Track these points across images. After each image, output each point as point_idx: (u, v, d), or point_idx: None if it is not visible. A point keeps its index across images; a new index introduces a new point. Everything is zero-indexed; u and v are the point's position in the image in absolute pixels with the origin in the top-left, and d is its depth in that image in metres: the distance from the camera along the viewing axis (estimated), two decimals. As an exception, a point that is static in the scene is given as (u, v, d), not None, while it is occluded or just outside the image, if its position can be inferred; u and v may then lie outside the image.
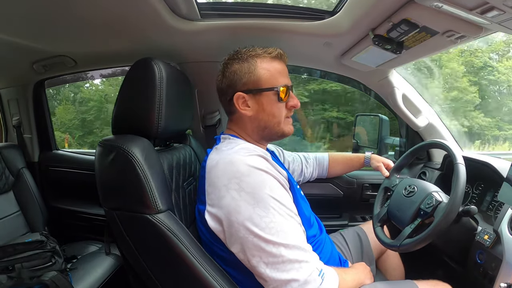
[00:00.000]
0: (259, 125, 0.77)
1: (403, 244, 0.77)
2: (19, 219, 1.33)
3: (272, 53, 0.76)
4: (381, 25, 0.78)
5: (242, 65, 0.75)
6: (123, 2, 0.76)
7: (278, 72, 0.76)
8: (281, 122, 0.77)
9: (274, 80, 0.75)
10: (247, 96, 0.75)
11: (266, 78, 0.75)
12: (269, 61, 0.76)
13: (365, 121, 1.47)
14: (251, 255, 0.59)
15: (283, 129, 0.78)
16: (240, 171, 0.62)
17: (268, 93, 0.75)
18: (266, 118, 0.76)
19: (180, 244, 0.61)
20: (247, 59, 0.75)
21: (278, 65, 0.77)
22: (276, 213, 0.60)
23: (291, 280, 0.57)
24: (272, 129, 0.77)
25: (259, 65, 0.75)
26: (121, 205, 0.64)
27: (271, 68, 0.75)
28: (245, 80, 0.75)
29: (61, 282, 0.97)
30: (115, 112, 0.75)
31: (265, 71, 0.75)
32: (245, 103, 0.76)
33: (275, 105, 0.75)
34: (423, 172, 1.22)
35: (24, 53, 1.14)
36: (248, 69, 0.75)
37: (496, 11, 0.57)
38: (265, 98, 0.75)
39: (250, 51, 0.76)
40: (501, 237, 0.73)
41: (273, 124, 0.77)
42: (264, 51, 0.76)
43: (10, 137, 1.57)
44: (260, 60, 0.75)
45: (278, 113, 0.76)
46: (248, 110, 0.76)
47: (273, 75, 0.75)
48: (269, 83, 0.75)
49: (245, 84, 0.75)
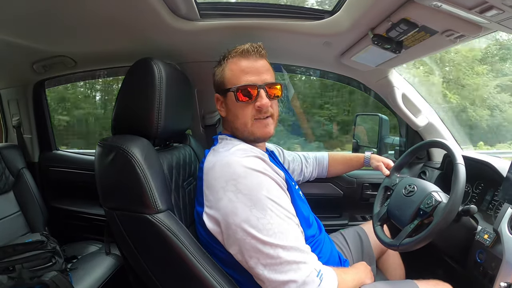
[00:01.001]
0: (232, 126, 0.77)
1: (402, 243, 0.77)
2: (19, 220, 1.33)
3: (238, 51, 0.74)
4: (381, 25, 0.78)
5: (218, 67, 0.78)
6: (123, 3, 0.76)
7: (241, 70, 0.73)
8: (247, 123, 0.73)
9: (235, 80, 0.73)
10: (221, 97, 0.77)
11: (229, 78, 0.74)
12: (236, 60, 0.74)
13: (365, 121, 1.47)
14: (248, 256, 0.59)
15: (252, 131, 0.74)
16: (237, 173, 0.62)
17: (230, 94, 0.74)
18: (232, 119, 0.76)
19: (180, 244, 0.61)
20: (221, 60, 0.77)
21: (244, 63, 0.74)
22: (274, 214, 0.60)
23: (289, 282, 0.57)
24: (241, 130, 0.75)
25: (228, 65, 0.75)
26: (121, 205, 0.64)
27: (235, 68, 0.74)
28: (216, 81, 0.78)
29: (62, 282, 0.97)
30: (115, 112, 0.75)
31: (229, 71, 0.75)
32: (221, 104, 0.78)
33: (237, 105, 0.73)
34: (423, 172, 1.22)
35: (24, 53, 1.14)
36: (219, 71, 0.77)
37: (495, 10, 0.57)
38: (229, 99, 0.75)
39: (228, 51, 0.77)
40: (501, 237, 0.73)
41: (239, 125, 0.74)
42: (235, 50, 0.74)
43: (10, 137, 1.57)
44: (230, 60, 0.75)
45: (241, 114, 0.73)
46: (222, 111, 0.78)
47: (234, 74, 0.73)
48: (230, 83, 0.74)
49: (217, 86, 0.78)
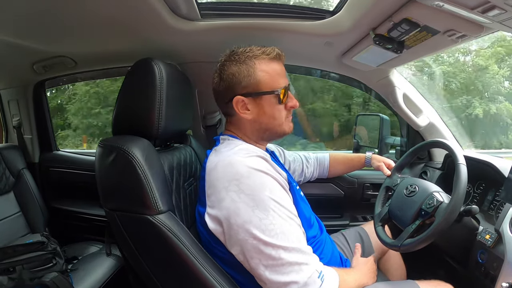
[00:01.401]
0: (260, 127, 0.76)
1: (404, 244, 0.77)
2: (20, 220, 1.33)
3: (271, 54, 0.73)
4: (382, 25, 0.78)
5: (241, 67, 0.72)
6: (123, 3, 0.76)
7: (277, 73, 0.74)
8: (283, 123, 0.76)
9: (274, 83, 0.73)
10: (247, 99, 0.73)
11: (266, 81, 0.72)
12: (268, 63, 0.73)
13: (365, 121, 1.46)
14: (250, 257, 0.59)
15: (284, 129, 0.77)
16: (240, 173, 0.61)
17: (269, 96, 0.73)
18: (267, 120, 0.75)
19: (181, 245, 0.61)
20: (245, 61, 0.72)
21: (277, 66, 0.75)
22: (276, 215, 0.59)
23: (290, 283, 0.57)
24: (273, 130, 0.77)
25: (258, 67, 0.72)
26: (121, 206, 0.64)
27: (270, 70, 0.73)
28: (244, 84, 0.72)
29: (62, 283, 0.97)
30: (115, 113, 0.75)
31: (265, 74, 0.72)
32: (244, 107, 0.73)
33: (276, 107, 0.74)
34: (424, 172, 1.21)
35: (24, 54, 1.14)
36: (247, 72, 0.72)
37: (497, 10, 0.57)
38: (265, 101, 0.73)
39: (247, 52, 0.73)
40: (503, 237, 0.73)
41: (274, 126, 0.76)
42: (262, 52, 0.73)
43: (11, 138, 1.56)
44: (259, 61, 0.72)
45: (278, 115, 0.75)
46: (248, 114, 0.74)
47: (272, 77, 0.73)
48: (269, 86, 0.73)
49: (244, 88, 0.72)
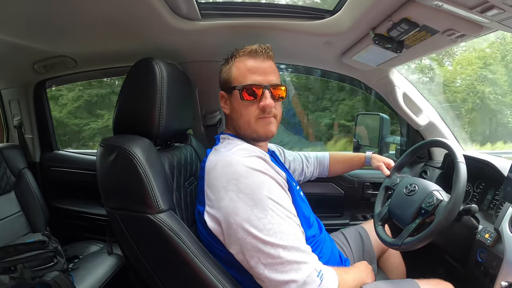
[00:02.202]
0: (234, 123, 0.79)
1: (404, 242, 0.77)
2: (21, 220, 1.33)
3: (246, 51, 0.76)
4: (382, 24, 0.78)
5: (225, 65, 0.80)
6: (124, 2, 0.76)
7: (247, 70, 0.75)
8: (250, 122, 0.75)
9: (241, 78, 0.75)
10: (226, 95, 0.79)
11: (235, 76, 0.76)
12: (244, 59, 0.76)
13: (365, 120, 1.47)
14: (249, 256, 0.59)
15: (256, 129, 0.75)
16: (238, 173, 0.62)
17: (235, 92, 0.75)
18: (236, 116, 0.77)
19: (182, 244, 0.61)
20: (229, 59, 0.79)
21: (251, 63, 0.75)
22: (275, 214, 0.60)
23: (289, 281, 0.57)
24: (244, 129, 0.76)
25: (235, 64, 0.77)
26: (122, 205, 0.64)
27: (242, 66, 0.76)
28: (223, 79, 0.79)
29: (63, 282, 0.97)
30: (116, 112, 0.75)
31: (236, 70, 0.76)
32: (225, 102, 0.80)
33: (242, 104, 0.75)
34: (424, 171, 1.22)
35: (25, 53, 1.14)
36: (226, 69, 0.79)
37: (496, 9, 0.57)
38: (233, 97, 0.76)
39: (236, 50, 0.79)
40: (502, 236, 0.73)
41: (242, 123, 0.76)
42: (243, 49, 0.77)
43: (11, 138, 1.57)
44: (238, 59, 0.77)
45: (245, 112, 0.75)
46: (226, 109, 0.80)
47: (241, 73, 0.75)
48: (237, 81, 0.75)
49: (223, 83, 0.79)
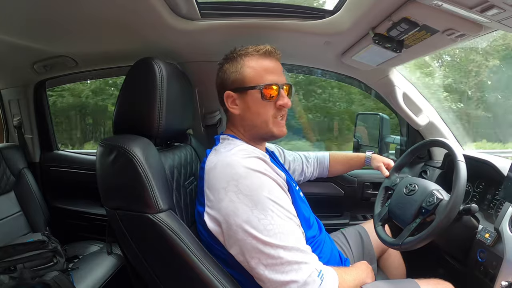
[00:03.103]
0: (247, 124, 0.77)
1: (405, 242, 0.77)
2: (20, 219, 1.33)
3: (260, 51, 0.76)
4: (381, 24, 0.78)
5: (231, 64, 0.77)
6: (124, 2, 0.76)
7: (264, 69, 0.75)
8: (268, 121, 0.76)
9: (259, 78, 0.75)
10: (235, 94, 0.76)
11: (251, 76, 0.75)
12: (257, 59, 0.76)
13: (365, 120, 1.47)
14: (249, 257, 0.59)
15: (271, 129, 0.77)
16: (238, 173, 0.62)
17: (253, 92, 0.75)
18: (252, 117, 0.76)
19: (182, 243, 0.61)
20: (235, 58, 0.77)
21: (266, 63, 0.76)
22: (275, 215, 0.60)
23: (290, 282, 0.57)
24: (260, 128, 0.77)
25: (246, 63, 0.76)
26: (122, 204, 0.64)
27: (257, 66, 0.75)
28: (232, 79, 0.76)
29: (63, 282, 0.97)
30: (116, 112, 0.75)
31: (251, 70, 0.75)
32: (233, 102, 0.77)
33: (260, 103, 0.75)
34: (424, 171, 1.22)
35: (25, 53, 1.14)
36: (235, 68, 0.76)
37: (496, 9, 0.57)
38: (250, 96, 0.75)
39: (241, 50, 0.77)
40: (502, 236, 0.73)
41: (259, 123, 0.76)
42: (253, 49, 0.76)
43: (11, 138, 1.57)
44: (248, 58, 0.76)
45: (263, 112, 0.75)
46: (236, 109, 0.77)
47: (258, 73, 0.75)
48: (254, 81, 0.75)
49: (232, 83, 0.76)
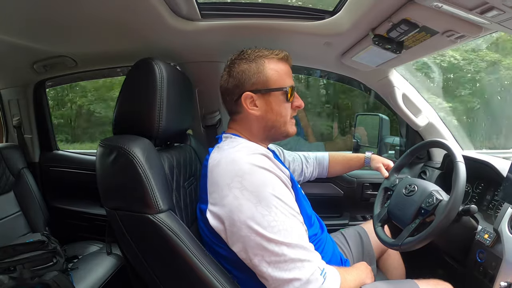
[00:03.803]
0: (266, 125, 0.78)
1: (404, 242, 0.77)
2: (20, 220, 1.33)
3: (279, 55, 0.78)
4: (381, 25, 0.78)
5: (251, 65, 0.76)
6: (123, 3, 0.76)
7: (285, 73, 0.78)
8: (287, 122, 0.79)
9: (282, 81, 0.77)
10: (256, 96, 0.76)
11: (275, 78, 0.76)
12: (276, 62, 0.78)
13: (365, 121, 1.47)
14: (253, 254, 0.59)
15: (288, 129, 0.80)
16: (243, 170, 0.62)
17: (277, 93, 0.76)
18: (274, 118, 0.77)
19: (182, 244, 0.61)
20: (255, 59, 0.76)
21: (284, 67, 0.79)
22: (279, 211, 0.60)
23: (293, 279, 0.57)
24: (278, 128, 0.78)
25: (267, 65, 0.76)
26: (122, 205, 0.64)
27: (279, 69, 0.77)
28: (254, 80, 0.76)
29: (63, 282, 0.97)
30: (116, 112, 0.75)
31: (274, 72, 0.76)
32: (253, 103, 0.76)
33: (283, 105, 0.77)
34: (423, 172, 1.22)
35: (25, 53, 1.14)
36: (257, 69, 0.76)
37: (495, 11, 0.58)
38: (273, 98, 0.76)
39: (257, 52, 0.78)
40: (501, 236, 0.73)
41: (279, 124, 0.78)
42: (271, 53, 0.78)
43: (11, 138, 1.56)
44: (268, 60, 0.77)
45: (285, 113, 0.78)
46: (256, 110, 0.76)
47: (281, 76, 0.77)
48: (277, 83, 0.76)
49: (253, 84, 0.76)
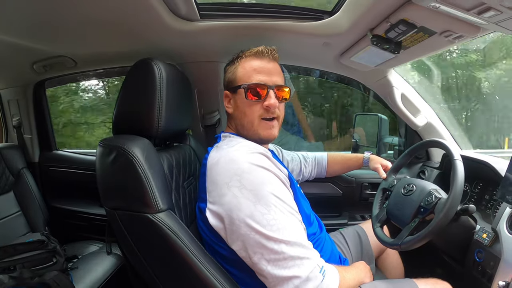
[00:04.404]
0: (237, 123, 0.79)
1: (404, 242, 0.77)
2: (20, 219, 1.33)
3: (253, 51, 0.78)
4: (379, 25, 0.78)
5: (231, 65, 0.81)
6: (123, 3, 0.77)
7: (253, 69, 0.76)
8: (254, 122, 0.75)
9: (246, 78, 0.76)
10: (230, 94, 0.80)
11: (240, 76, 0.77)
12: (250, 59, 0.78)
13: (364, 121, 1.47)
14: (252, 252, 0.60)
15: (257, 131, 0.76)
16: (241, 169, 0.62)
17: (240, 91, 0.76)
18: (240, 116, 0.78)
19: (181, 243, 0.61)
20: (234, 60, 0.80)
21: (257, 63, 0.77)
22: (278, 210, 0.60)
23: (292, 277, 0.57)
24: (247, 129, 0.77)
25: (240, 64, 0.78)
26: (121, 204, 0.64)
27: (247, 66, 0.77)
28: (227, 79, 0.80)
29: (62, 281, 0.97)
30: (116, 113, 0.76)
31: (241, 69, 0.77)
32: (229, 101, 0.80)
33: (246, 103, 0.76)
34: (422, 171, 1.22)
35: (24, 53, 1.14)
36: (232, 68, 0.80)
37: (493, 11, 0.58)
38: (238, 96, 0.77)
39: (242, 51, 0.80)
40: (500, 236, 0.74)
41: (246, 123, 0.77)
42: (250, 51, 0.78)
43: (11, 138, 1.57)
44: (244, 59, 0.78)
45: (249, 112, 0.75)
46: (229, 108, 0.80)
47: (247, 72, 0.76)
48: (242, 80, 0.76)
49: (228, 83, 0.80)
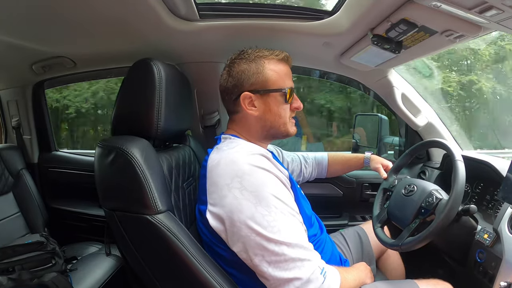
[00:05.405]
0: (264, 125, 0.78)
1: (405, 243, 0.77)
2: (19, 221, 1.33)
3: (279, 56, 0.78)
4: (380, 25, 0.78)
5: (250, 65, 0.76)
6: (122, 3, 0.76)
7: (284, 74, 0.78)
8: (287, 122, 0.79)
9: (281, 82, 0.77)
10: (254, 96, 0.76)
11: (274, 79, 0.76)
12: (276, 63, 0.78)
13: (364, 121, 1.47)
14: (253, 254, 0.59)
15: (288, 129, 0.80)
16: (242, 170, 0.62)
17: (275, 94, 0.76)
18: (272, 118, 0.77)
19: (180, 245, 0.61)
20: (254, 59, 0.76)
21: (284, 68, 0.79)
22: (278, 211, 0.60)
23: (293, 279, 0.57)
24: (277, 129, 0.79)
25: (267, 66, 0.76)
26: (121, 205, 0.64)
27: (278, 70, 0.77)
28: (253, 81, 0.76)
29: (61, 283, 0.97)
30: (115, 113, 0.75)
31: (273, 72, 0.76)
32: (251, 103, 0.76)
33: (281, 106, 0.77)
34: (423, 172, 1.22)
35: (23, 54, 1.13)
36: (256, 70, 0.76)
37: (494, 10, 0.57)
38: (272, 99, 0.76)
39: (257, 52, 0.78)
40: (501, 236, 0.73)
41: (279, 124, 0.78)
42: (271, 53, 0.78)
43: (10, 138, 1.56)
44: (268, 61, 0.77)
45: (284, 114, 0.78)
46: (254, 110, 0.77)
47: (280, 77, 0.77)
48: (276, 84, 0.76)
49: (252, 84, 0.76)
